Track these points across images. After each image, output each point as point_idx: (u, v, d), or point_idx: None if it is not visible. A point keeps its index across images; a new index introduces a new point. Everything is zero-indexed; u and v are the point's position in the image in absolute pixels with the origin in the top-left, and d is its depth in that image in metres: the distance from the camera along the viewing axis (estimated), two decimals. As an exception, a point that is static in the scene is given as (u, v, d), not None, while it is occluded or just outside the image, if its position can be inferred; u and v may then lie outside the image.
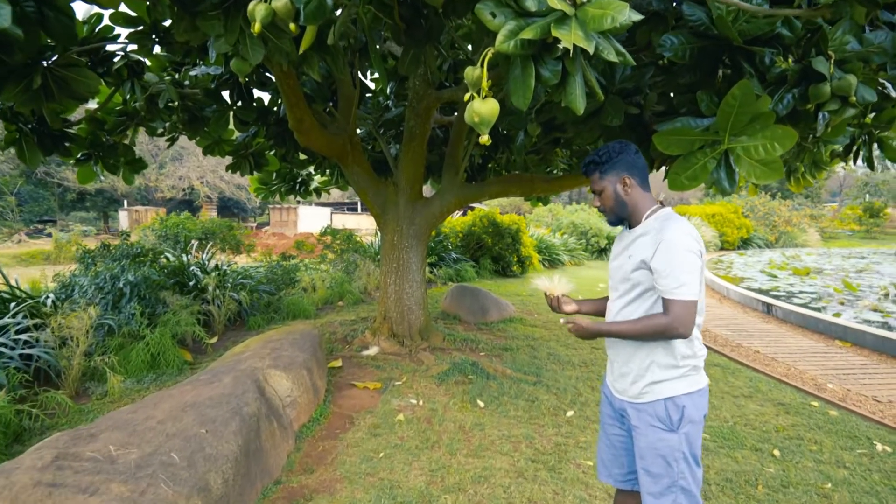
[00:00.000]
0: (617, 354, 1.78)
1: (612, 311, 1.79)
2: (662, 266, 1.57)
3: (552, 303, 1.94)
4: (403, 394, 3.94)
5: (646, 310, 1.67)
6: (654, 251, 1.60)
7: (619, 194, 1.74)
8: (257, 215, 41.77)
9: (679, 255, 1.55)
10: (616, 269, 1.78)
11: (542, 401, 3.90)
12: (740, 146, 2.52)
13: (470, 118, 1.53)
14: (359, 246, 9.14)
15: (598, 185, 1.78)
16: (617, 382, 1.78)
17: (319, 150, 4.66)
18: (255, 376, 3.08)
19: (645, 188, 1.74)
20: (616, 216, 1.78)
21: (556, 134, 4.27)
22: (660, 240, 1.59)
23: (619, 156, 1.74)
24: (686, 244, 1.56)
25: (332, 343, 5.16)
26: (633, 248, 1.69)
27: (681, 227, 1.59)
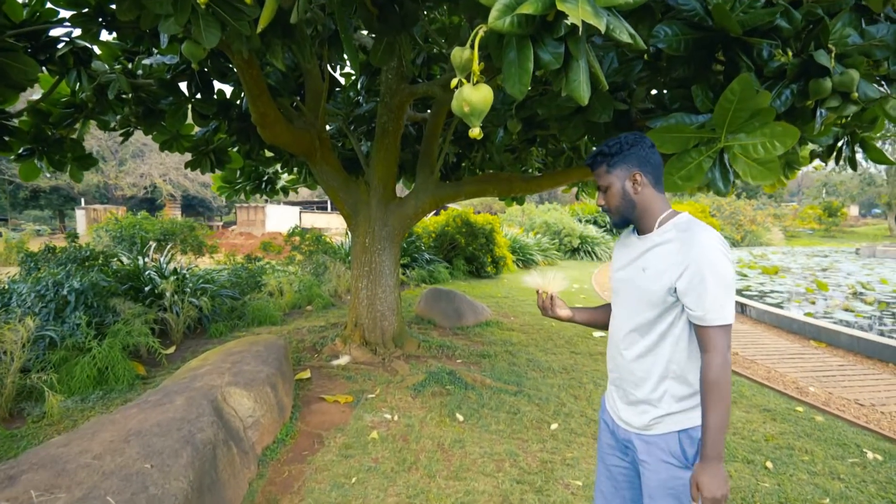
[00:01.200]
0: (623, 380, 1.56)
1: (627, 346, 1.54)
2: (696, 287, 1.35)
3: (544, 303, 1.73)
4: (377, 408, 3.68)
5: (672, 346, 1.45)
6: (683, 270, 1.37)
7: (627, 192, 1.52)
8: (224, 214, 40.68)
9: (717, 273, 1.34)
10: (625, 284, 1.55)
11: (525, 412, 3.70)
12: (738, 144, 2.36)
13: (459, 108, 1.29)
14: (328, 247, 8.80)
15: (604, 180, 1.55)
16: (623, 412, 1.56)
17: (285, 146, 4.35)
18: (213, 396, 2.77)
19: (658, 188, 1.53)
20: (621, 217, 1.56)
21: (537, 131, 4.07)
22: (689, 255, 1.37)
23: (632, 149, 1.51)
24: (721, 258, 1.36)
25: (300, 352, 4.85)
26: (648, 259, 1.47)
27: (711, 238, 1.38)
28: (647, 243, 1.50)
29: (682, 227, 1.44)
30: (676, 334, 1.44)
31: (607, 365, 1.66)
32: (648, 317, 1.47)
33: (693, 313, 1.38)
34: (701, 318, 1.36)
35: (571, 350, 5.49)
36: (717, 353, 1.34)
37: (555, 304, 1.71)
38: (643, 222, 1.53)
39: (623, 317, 1.55)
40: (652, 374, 1.47)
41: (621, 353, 1.55)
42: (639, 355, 1.50)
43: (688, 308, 1.39)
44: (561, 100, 2.96)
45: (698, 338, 1.39)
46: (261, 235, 26.12)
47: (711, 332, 1.35)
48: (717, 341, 1.35)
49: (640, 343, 1.49)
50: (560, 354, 5.29)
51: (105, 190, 33.16)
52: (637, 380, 1.51)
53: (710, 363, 1.35)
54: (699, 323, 1.37)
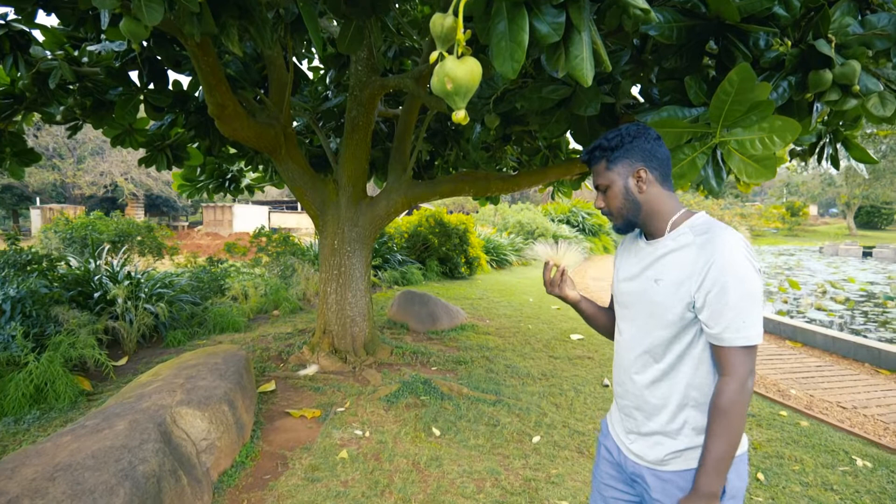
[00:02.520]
0: (634, 408, 1.34)
1: (639, 370, 1.33)
2: (716, 299, 1.15)
3: (553, 278, 1.52)
4: (347, 423, 3.42)
5: (692, 369, 1.24)
6: (702, 279, 1.17)
7: (630, 192, 1.31)
8: (189, 214, 39.50)
9: (741, 282, 1.14)
10: (634, 298, 1.34)
11: (505, 424, 3.49)
12: (734, 140, 2.19)
13: (440, 86, 1.06)
14: (297, 248, 8.45)
15: (603, 179, 1.34)
16: (634, 443, 1.35)
17: (246, 141, 4.05)
18: (161, 418, 2.48)
19: (667, 185, 1.32)
20: (625, 220, 1.35)
21: (516, 127, 3.87)
22: (709, 263, 1.16)
23: (635, 141, 1.30)
24: (746, 265, 1.15)
25: (265, 362, 4.55)
26: (661, 269, 1.27)
27: (734, 242, 1.17)
28: (659, 249, 1.29)
29: (700, 230, 1.23)
30: (696, 355, 1.23)
31: (614, 388, 1.44)
32: (663, 336, 1.26)
33: (709, 331, 1.17)
34: (718, 336, 1.16)
35: (550, 354, 5.32)
36: (735, 379, 1.14)
37: (564, 282, 1.50)
38: (652, 225, 1.32)
39: (633, 335, 1.34)
40: (669, 402, 1.27)
41: (632, 378, 1.34)
42: (653, 380, 1.29)
43: (705, 325, 1.18)
44: (545, 91, 2.75)
45: (716, 359, 1.19)
46: (228, 236, 25.39)
47: (731, 353, 1.15)
48: (737, 365, 1.15)
49: (655, 366, 1.28)
50: (538, 359, 5.11)
51: (62, 189, 31.77)
52: (652, 408, 1.30)
53: (723, 388, 1.16)
54: (716, 342, 1.17)
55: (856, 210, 35.89)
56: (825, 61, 2.30)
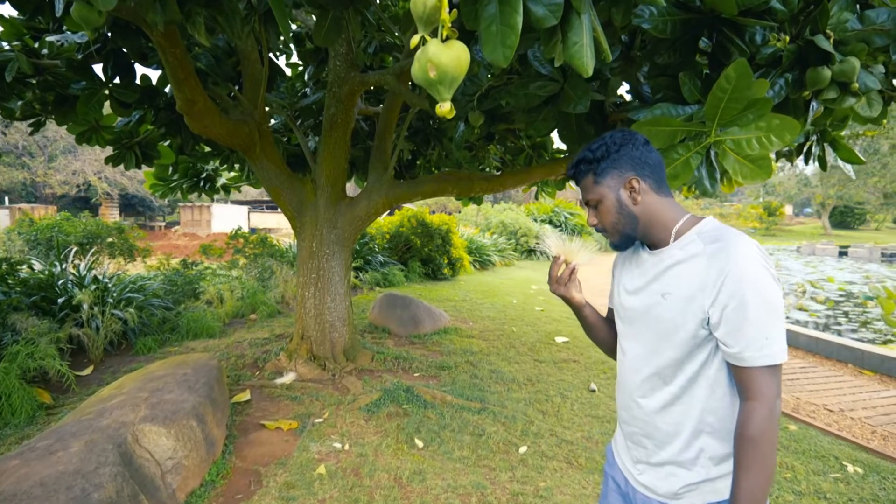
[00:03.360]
0: (643, 435, 1.21)
1: (646, 393, 1.20)
2: (734, 315, 1.03)
3: (560, 276, 1.38)
4: (325, 435, 3.26)
5: (707, 391, 1.12)
6: (717, 293, 1.05)
7: (624, 204, 1.19)
8: (167, 214, 38.67)
9: (761, 295, 1.02)
10: (638, 314, 1.22)
11: (490, 434, 3.36)
12: (730, 139, 2.09)
13: (422, 73, 0.92)
14: (275, 249, 8.22)
15: (592, 194, 1.23)
16: (643, 474, 1.22)
17: (219, 138, 3.85)
18: (121, 437, 2.29)
19: (663, 192, 1.21)
20: (622, 235, 1.23)
21: (501, 125, 3.75)
22: (723, 273, 1.04)
23: (622, 149, 1.19)
24: (765, 275, 1.04)
25: (239, 370, 4.35)
26: (668, 282, 1.14)
27: (750, 249, 1.05)
28: (665, 260, 1.17)
29: (711, 237, 1.11)
30: (711, 376, 1.11)
31: (618, 413, 1.32)
32: (674, 356, 1.13)
33: (729, 350, 1.05)
34: (738, 356, 1.04)
35: (535, 358, 5.21)
36: (763, 403, 1.02)
37: (572, 281, 1.38)
38: (653, 236, 1.20)
39: (638, 355, 1.21)
40: (682, 428, 1.14)
41: (638, 403, 1.21)
42: (664, 405, 1.16)
43: (722, 343, 1.06)
44: (533, 87, 2.63)
45: (737, 381, 1.07)
46: (206, 236, 24.89)
47: (755, 374, 1.03)
48: (763, 386, 1.02)
49: (665, 390, 1.16)
50: (523, 363, 5.00)
51: (33, 188, 30.84)
52: (663, 436, 1.17)
53: (750, 414, 1.03)
54: (737, 363, 1.05)
55: (830, 210, 36.66)
56: (823, 58, 2.21)
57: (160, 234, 28.00)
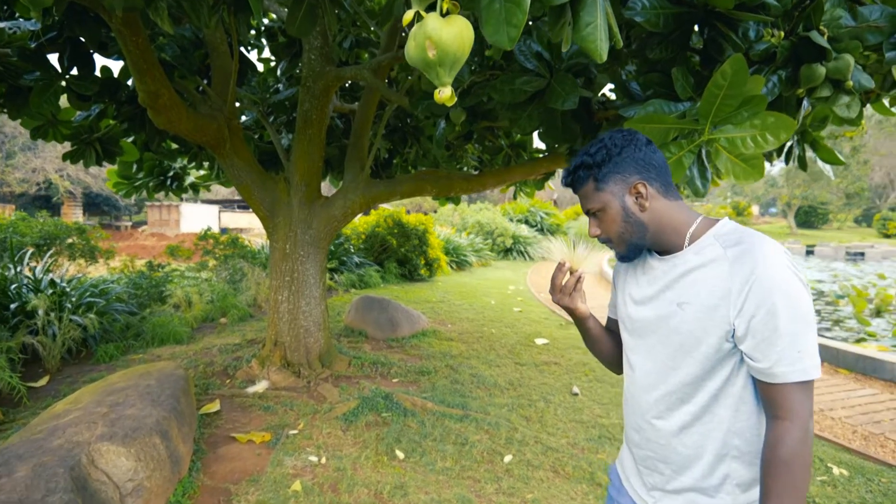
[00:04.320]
0: (657, 459, 1.10)
1: (662, 413, 1.09)
2: (763, 326, 0.93)
3: (565, 285, 1.25)
4: (300, 447, 3.09)
5: (732, 410, 1.01)
6: (743, 302, 0.95)
7: (630, 211, 1.08)
8: (133, 213, 37.53)
9: (792, 303, 0.92)
10: (650, 326, 1.11)
11: (474, 443, 3.24)
12: (724, 137, 2.01)
13: (418, 53, 0.79)
14: (246, 251, 7.96)
15: (593, 202, 1.11)
16: (659, 502, 1.11)
17: (186, 134, 3.64)
18: (74, 459, 2.10)
19: (671, 195, 1.10)
20: (630, 245, 1.12)
21: (483, 122, 3.63)
22: (749, 281, 0.94)
23: (623, 151, 1.08)
24: (795, 281, 0.94)
25: (208, 378, 4.13)
26: (685, 290, 1.04)
27: (776, 253, 0.95)
28: (679, 266, 1.06)
29: (732, 240, 1.01)
30: (736, 394, 1.01)
31: (627, 433, 1.20)
32: (694, 372, 1.02)
33: (757, 365, 0.95)
34: (769, 371, 0.94)
35: (515, 361, 5.12)
36: (796, 423, 0.92)
37: (578, 290, 1.25)
38: (665, 242, 1.09)
39: (651, 372, 1.10)
40: (704, 451, 1.03)
41: (652, 424, 1.10)
42: (682, 426, 1.05)
43: (749, 357, 0.96)
44: (519, 82, 2.52)
45: (765, 399, 0.97)
46: (174, 237, 24.22)
47: (787, 392, 0.93)
48: (795, 405, 0.93)
49: (684, 409, 1.05)
50: (504, 367, 4.90)
51: (-11, 186, 29.53)
52: (682, 460, 1.06)
53: (782, 435, 0.93)
54: (767, 379, 0.95)
55: (795, 210, 37.73)
56: (818, 55, 2.15)
57: (126, 235, 27.13)
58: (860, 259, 18.35)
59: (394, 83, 5.53)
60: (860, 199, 36.70)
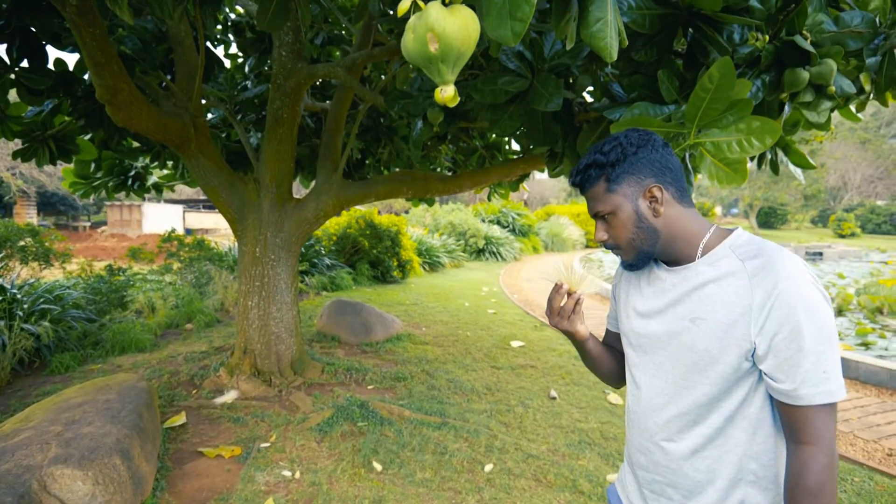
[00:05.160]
0: (666, 484, 1.04)
1: (672, 436, 1.03)
2: (786, 345, 0.87)
3: (563, 308, 1.16)
4: (273, 462, 2.95)
5: (748, 433, 0.95)
6: (764, 319, 0.89)
7: (643, 216, 1.02)
8: (92, 213, 36.15)
9: (816, 322, 0.87)
10: (658, 341, 1.04)
11: (453, 452, 3.16)
12: (709, 141, 1.98)
13: (418, 47, 0.70)
14: (213, 253, 7.69)
15: (604, 204, 1.04)
16: None
17: (147, 132, 3.45)
18: (24, 486, 1.92)
19: (686, 201, 1.04)
20: (639, 253, 1.05)
21: (461, 123, 3.56)
22: (771, 296, 0.88)
23: (639, 151, 1.02)
24: (818, 298, 0.89)
25: (173, 388, 3.93)
26: (698, 303, 0.98)
27: (798, 268, 0.90)
28: (691, 279, 1.00)
29: (749, 252, 0.95)
30: (753, 416, 0.95)
31: (631, 455, 1.13)
32: (709, 392, 0.96)
33: (779, 386, 0.89)
34: (792, 393, 0.88)
35: (492, 365, 5.06)
36: (822, 448, 0.87)
37: (577, 313, 1.16)
38: (675, 252, 1.03)
39: (660, 391, 1.04)
40: (717, 476, 0.97)
41: (661, 447, 1.03)
42: (694, 450, 0.99)
43: (770, 378, 0.91)
44: (501, 82, 2.45)
45: (787, 422, 0.91)
46: (136, 238, 23.39)
47: (810, 415, 0.87)
48: (820, 429, 0.87)
49: (696, 431, 0.99)
50: (481, 371, 4.84)
51: (-65, 185, 27.97)
52: (693, 485, 1.00)
53: (807, 462, 0.87)
54: (790, 401, 0.89)
55: (757, 210, 38.94)
56: (801, 59, 2.14)
57: (84, 236, 26.09)
58: (819, 259, 19.01)
59: (367, 82, 5.40)
60: (817, 200, 38.15)
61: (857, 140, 40.02)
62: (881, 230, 38.32)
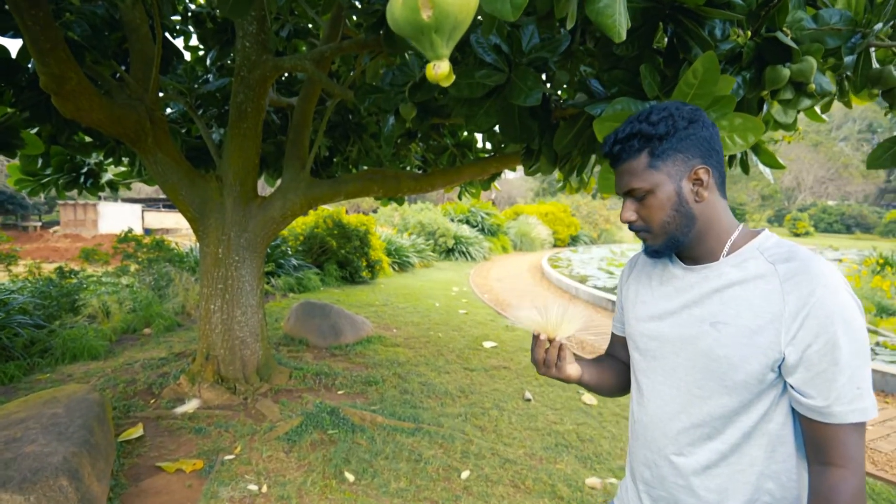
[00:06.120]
0: (676, 500, 0.96)
1: (683, 449, 0.95)
2: (820, 358, 0.80)
3: (547, 356, 1.05)
4: (238, 475, 2.79)
5: (767, 450, 0.88)
6: (798, 328, 0.82)
7: (684, 200, 0.92)
8: (43, 213, 34.53)
9: (853, 335, 0.80)
10: (670, 344, 0.97)
11: (428, 459, 3.05)
12: (691, 138, 1.92)
13: (407, 14, 0.60)
14: (173, 254, 7.37)
15: (642, 181, 0.93)
16: None
17: (99, 125, 3.22)
18: (-45, 515, 1.73)
19: (723, 192, 0.97)
20: (669, 239, 0.95)
21: (434, 119, 3.45)
22: (806, 304, 0.81)
23: (691, 127, 0.91)
24: (855, 309, 0.82)
25: (129, 398, 3.70)
26: (719, 306, 0.90)
27: (834, 275, 0.83)
28: (713, 279, 0.92)
29: (780, 255, 0.87)
30: (773, 432, 0.88)
31: (635, 468, 1.05)
32: (727, 404, 0.89)
33: (808, 402, 0.82)
34: (825, 410, 0.81)
35: (465, 366, 4.97)
36: (852, 470, 0.80)
37: (563, 358, 1.06)
38: (702, 246, 0.95)
39: (669, 400, 0.96)
40: (729, 496, 0.90)
41: (670, 461, 0.95)
42: (707, 466, 0.91)
43: (798, 392, 0.83)
44: (479, 76, 2.35)
45: (814, 441, 0.84)
46: (91, 238, 22.43)
47: (842, 433, 0.81)
48: (851, 449, 0.80)
49: (710, 446, 0.91)
50: (454, 373, 4.74)
51: None
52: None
53: (837, 485, 0.80)
54: (821, 419, 0.82)
55: (716, 210, 40.02)
56: (782, 56, 2.12)
57: (35, 236, 24.89)
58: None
59: (335, 77, 5.24)
60: (773, 200, 39.54)
61: (810, 142, 41.71)
62: (833, 229, 40.05)
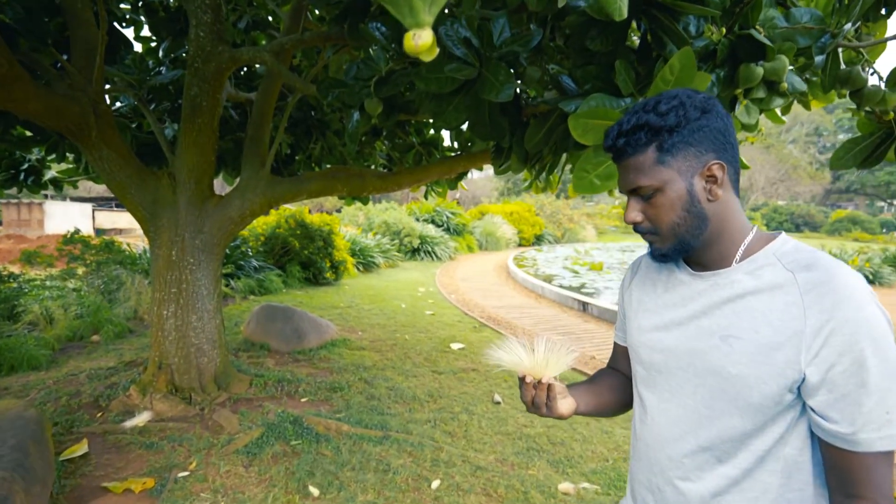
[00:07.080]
0: None
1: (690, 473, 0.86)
2: (845, 379, 0.72)
3: (536, 398, 0.96)
4: (193, 493, 2.60)
5: (783, 477, 0.80)
6: (821, 345, 0.73)
7: (696, 199, 0.84)
8: (-16, 213, 32.59)
9: (882, 353, 0.72)
10: (676, 358, 0.88)
11: (397, 468, 2.93)
12: (667, 136, 1.88)
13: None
14: (124, 256, 6.99)
15: (649, 178, 0.84)
16: None
17: (36, 117, 2.97)
18: None
19: (737, 189, 0.88)
20: (679, 242, 0.86)
21: (401, 115, 3.33)
22: (829, 318, 0.73)
23: (703, 118, 0.82)
24: (885, 324, 0.74)
25: (73, 412, 3.44)
26: (731, 318, 0.82)
27: (860, 285, 0.75)
28: (725, 287, 0.84)
29: (800, 263, 0.79)
30: (790, 458, 0.80)
31: (636, 490, 0.97)
32: (739, 426, 0.81)
33: (832, 427, 0.74)
34: (850, 437, 0.73)
35: (433, 369, 4.87)
36: (879, 502, 0.73)
37: (553, 398, 0.96)
38: (713, 250, 0.86)
39: (675, 420, 0.87)
40: None
41: (675, 486, 0.87)
42: (716, 493, 0.83)
43: (820, 416, 0.75)
44: (448, 69, 2.25)
45: (837, 469, 0.76)
46: (36, 239, 21.27)
47: (869, 463, 0.73)
48: (879, 479, 0.73)
49: (719, 471, 0.83)
50: (422, 377, 4.63)
51: None
52: None
53: None
54: (846, 447, 0.74)
55: (674, 210, 41.21)
56: (755, 55, 2.11)
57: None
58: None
59: (297, 72, 5.05)
60: (727, 200, 40.80)
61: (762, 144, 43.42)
62: (783, 228, 41.78)
